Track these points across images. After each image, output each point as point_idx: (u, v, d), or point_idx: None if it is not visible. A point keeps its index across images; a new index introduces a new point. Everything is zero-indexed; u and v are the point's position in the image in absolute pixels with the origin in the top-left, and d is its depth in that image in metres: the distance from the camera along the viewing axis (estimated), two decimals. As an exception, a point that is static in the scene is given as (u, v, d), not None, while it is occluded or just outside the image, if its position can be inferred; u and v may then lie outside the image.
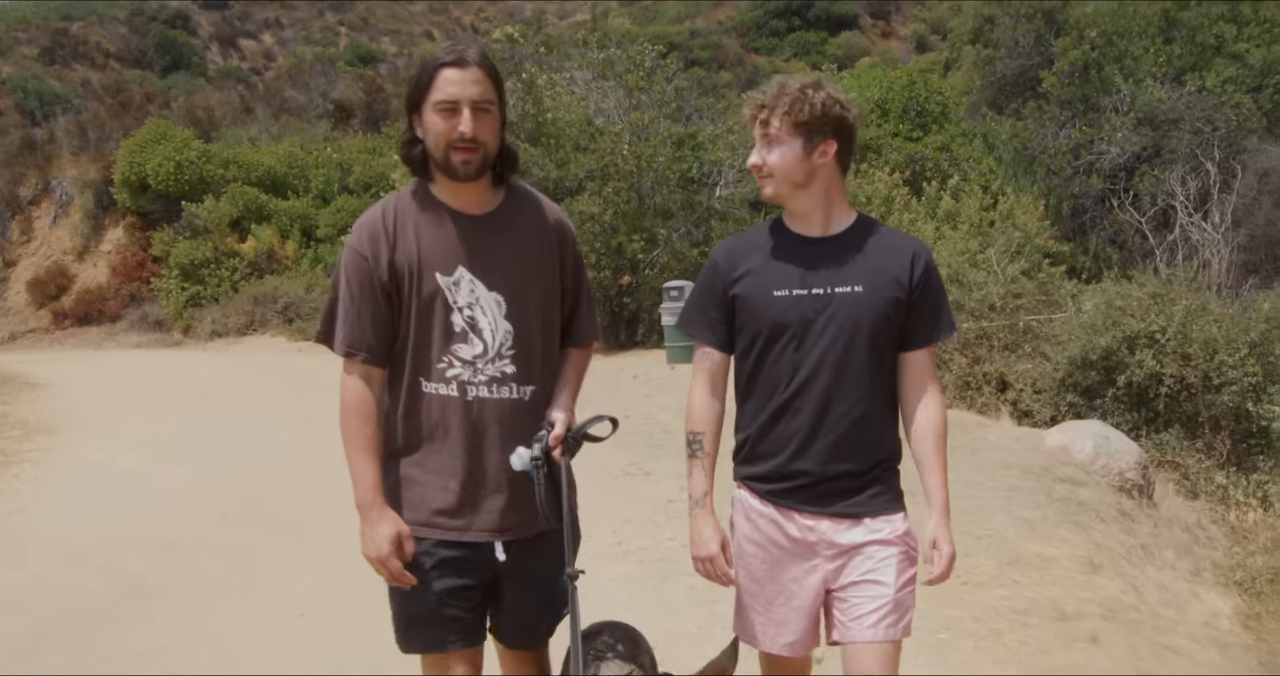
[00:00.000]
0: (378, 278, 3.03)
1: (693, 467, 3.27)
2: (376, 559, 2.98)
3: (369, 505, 3.02)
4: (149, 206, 28.86)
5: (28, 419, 12.13)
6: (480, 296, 3.09)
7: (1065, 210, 21.44)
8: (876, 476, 3.18)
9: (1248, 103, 20.70)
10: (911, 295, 3.14)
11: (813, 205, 3.14)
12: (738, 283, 3.18)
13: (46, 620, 5.87)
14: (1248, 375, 9.90)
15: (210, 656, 5.32)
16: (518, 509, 3.08)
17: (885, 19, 69.78)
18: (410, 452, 3.11)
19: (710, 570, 3.21)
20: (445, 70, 2.94)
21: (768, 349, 3.14)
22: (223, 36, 78.97)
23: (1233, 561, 7.37)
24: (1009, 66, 23.33)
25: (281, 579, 6.45)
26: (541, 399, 3.17)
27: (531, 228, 3.20)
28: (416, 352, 3.09)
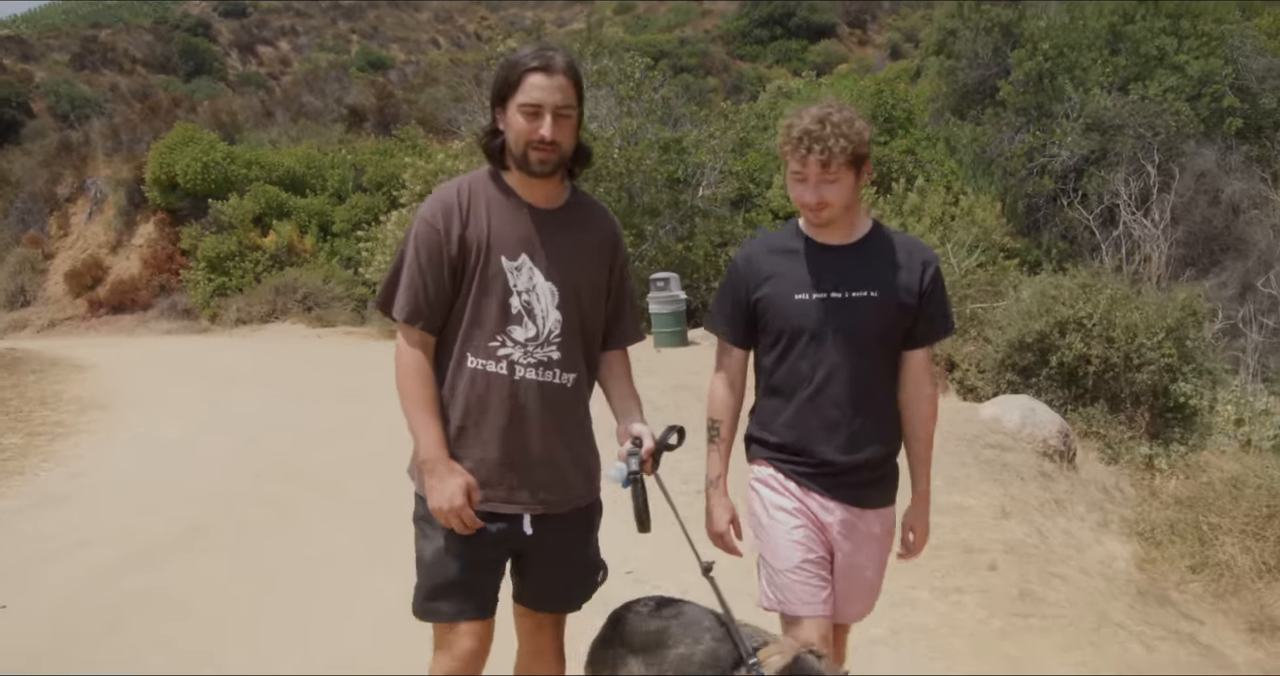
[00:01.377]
0: (447, 251, 2.99)
1: (710, 451, 3.29)
2: (450, 510, 2.93)
3: (436, 459, 2.97)
4: (178, 204, 28.69)
5: (81, 396, 12.37)
6: (538, 284, 3.06)
7: (1020, 208, 21.50)
8: (886, 470, 3.24)
9: (1186, 110, 20.70)
10: (920, 300, 3.16)
11: (845, 219, 3.16)
12: (761, 286, 3.18)
13: (128, 552, 6.41)
14: (1165, 356, 10.36)
15: (260, 578, 5.85)
16: (549, 485, 3.07)
17: (862, 28, 69.29)
18: (453, 424, 3.05)
19: (721, 543, 3.27)
20: (532, 75, 2.91)
21: (790, 348, 3.15)
22: (242, 43, 78.34)
23: (1138, 515, 7.69)
24: (970, 76, 23.24)
25: (313, 521, 6.92)
26: (580, 387, 3.14)
27: (591, 229, 3.18)
28: (470, 328, 3.04)
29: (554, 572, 3.12)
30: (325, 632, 4.93)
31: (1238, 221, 20.54)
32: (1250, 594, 6.03)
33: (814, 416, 3.12)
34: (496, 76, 3.00)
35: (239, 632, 5.08)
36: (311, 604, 5.44)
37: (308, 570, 5.95)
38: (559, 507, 3.06)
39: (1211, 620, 5.65)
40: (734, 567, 3.34)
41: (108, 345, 22.15)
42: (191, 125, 30.22)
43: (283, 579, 5.82)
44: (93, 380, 14.06)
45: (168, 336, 25.41)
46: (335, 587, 5.63)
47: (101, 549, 6.50)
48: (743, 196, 20.46)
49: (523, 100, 2.89)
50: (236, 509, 7.38)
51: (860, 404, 3.11)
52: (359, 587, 5.49)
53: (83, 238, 31.35)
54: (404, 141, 28.91)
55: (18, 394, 12.55)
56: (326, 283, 25.19)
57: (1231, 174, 20.65)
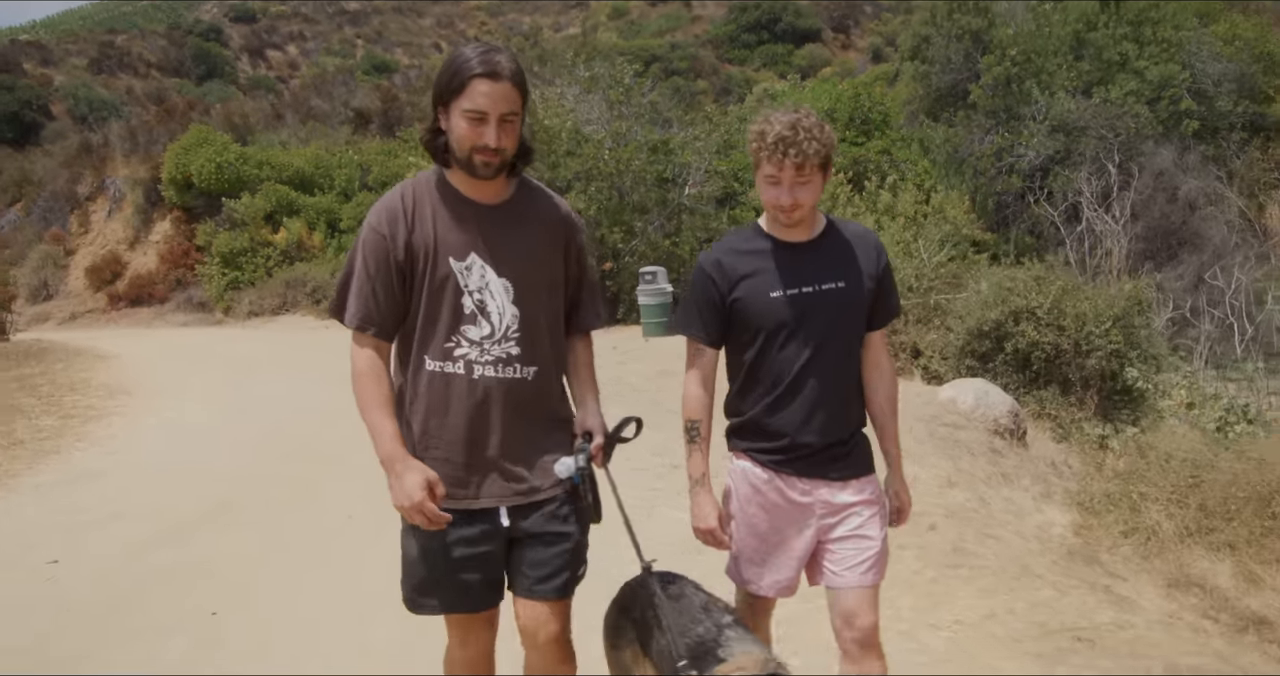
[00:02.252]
0: (394, 257, 2.90)
1: (691, 451, 3.25)
2: (411, 507, 2.83)
3: (393, 457, 2.88)
4: (193, 202, 28.73)
5: (108, 383, 12.54)
6: (490, 281, 2.97)
7: (990, 205, 21.39)
8: (857, 442, 3.23)
9: (1145, 112, 20.67)
10: (877, 283, 3.20)
11: (809, 218, 3.17)
12: (737, 288, 3.15)
13: (163, 526, 6.68)
14: (1111, 343, 10.66)
15: (288, 549, 6.14)
16: (519, 476, 2.99)
17: (845, 33, 69.06)
18: (417, 427, 2.98)
19: (710, 539, 3.25)
20: (478, 81, 2.78)
21: (769, 344, 3.14)
22: (252, 48, 78.28)
23: (1080, 488, 7.92)
24: (943, 80, 23.12)
25: (331, 496, 7.15)
26: (543, 378, 3.05)
27: (541, 219, 3.07)
28: (425, 331, 2.96)
29: (535, 557, 3.02)
30: (341, 590, 5.27)
31: (1194, 217, 20.53)
32: (1172, 554, 6.31)
33: (792, 404, 3.13)
34: (440, 76, 2.88)
35: (261, 593, 5.40)
36: (328, 565, 5.77)
37: (327, 540, 6.26)
38: (534, 496, 2.99)
39: (1134, 577, 5.91)
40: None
41: (128, 336, 22.24)
42: (205, 127, 30.26)
43: (303, 545, 6.15)
44: (117, 368, 14.23)
45: (184, 328, 25.51)
46: (350, 550, 5.93)
47: (136, 522, 6.77)
48: (727, 195, 20.21)
49: (467, 107, 2.79)
50: (260, 486, 7.65)
51: (835, 389, 3.14)
52: (370, 550, 5.73)
53: (102, 234, 31.44)
54: (407, 142, 28.39)
55: (48, 380, 12.72)
56: (334, 277, 24.06)
57: (1188, 173, 20.65)
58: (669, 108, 21.25)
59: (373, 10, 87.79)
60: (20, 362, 14.74)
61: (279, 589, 5.46)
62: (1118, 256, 18.70)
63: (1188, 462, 7.24)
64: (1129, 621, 4.56)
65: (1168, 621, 4.95)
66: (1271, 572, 5.45)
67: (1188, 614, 5.32)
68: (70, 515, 6.90)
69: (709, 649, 2.77)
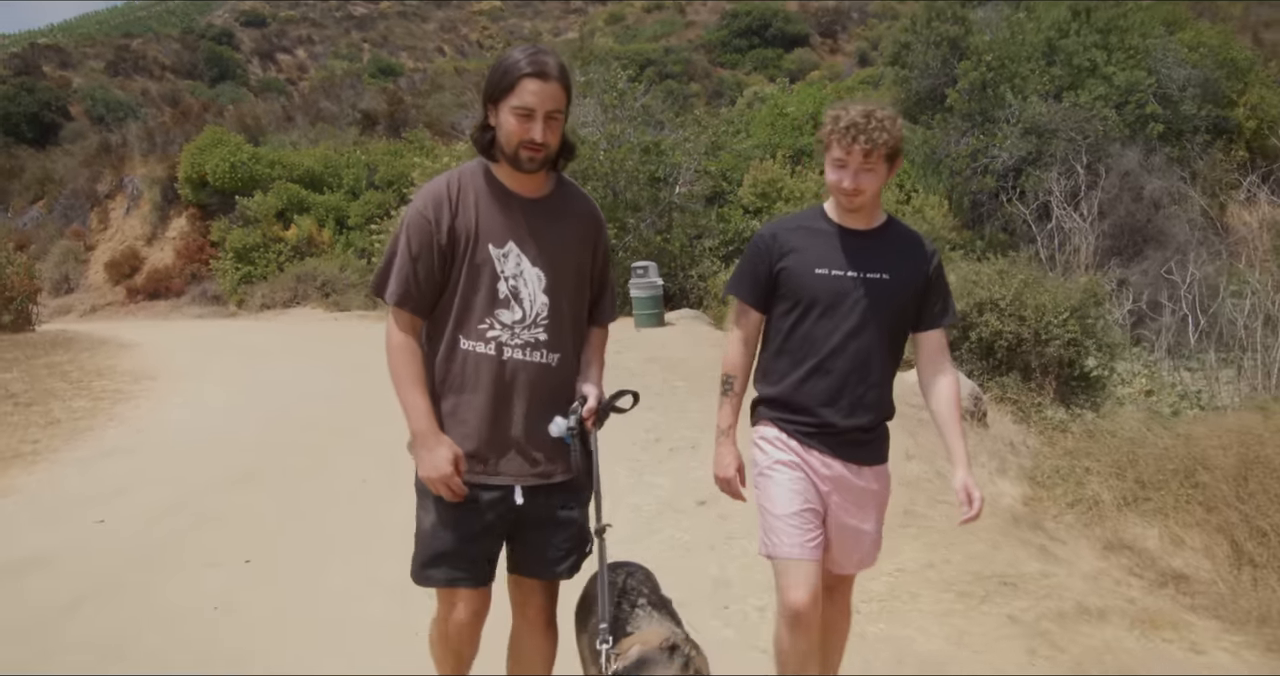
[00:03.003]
0: (437, 240, 2.92)
1: (723, 403, 3.27)
2: (439, 478, 2.88)
3: (425, 432, 2.92)
4: (207, 200, 28.66)
5: (132, 368, 12.70)
6: (524, 270, 2.99)
7: (965, 204, 21.75)
8: (880, 432, 3.23)
9: (1113, 116, 21.00)
10: (928, 286, 3.18)
11: (870, 208, 3.16)
12: (785, 258, 3.16)
13: (195, 489, 7.06)
14: (1069, 332, 11.08)
15: (305, 512, 6.50)
16: (537, 458, 3.01)
17: (833, 37, 68.64)
18: (445, 401, 3.00)
19: (727, 488, 3.29)
20: (527, 80, 2.82)
21: (805, 316, 3.15)
22: (262, 51, 78.09)
23: (1034, 464, 8.18)
24: (921, 84, 23.52)
25: (344, 465, 7.51)
26: (565, 365, 3.06)
27: (576, 216, 3.10)
28: (461, 312, 2.97)
29: (545, 540, 3.05)
30: (352, 549, 5.66)
31: (1158, 216, 20.81)
32: (1110, 521, 6.68)
33: (820, 381, 3.12)
34: (491, 75, 2.92)
35: (287, 543, 5.82)
36: (346, 520, 6.20)
37: (341, 503, 6.65)
38: (549, 479, 3.01)
39: (1074, 541, 6.27)
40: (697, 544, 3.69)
41: (147, 327, 22.28)
42: (219, 129, 30.25)
43: (324, 509, 6.54)
44: (140, 356, 14.38)
45: (199, 320, 25.48)
46: (364, 508, 6.36)
47: (170, 487, 7.14)
48: (716, 193, 20.66)
49: (516, 104, 2.82)
50: (279, 456, 8.00)
51: (863, 374, 3.11)
52: (380, 511, 6.14)
53: (121, 231, 31.42)
54: (412, 143, 28.65)
55: (76, 367, 12.93)
56: (342, 271, 25.05)
57: (1153, 173, 20.98)
58: (661, 111, 21.45)
59: (379, 15, 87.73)
60: (49, 351, 14.92)
61: (303, 540, 5.87)
62: (1085, 252, 18.97)
63: (1127, 440, 7.63)
64: (1053, 572, 4.94)
65: (1094, 575, 5.33)
66: (1193, 535, 5.81)
67: (1115, 571, 5.69)
68: (110, 483, 7.25)
69: (621, 625, 2.85)
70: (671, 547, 5.31)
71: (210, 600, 4.91)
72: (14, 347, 15.46)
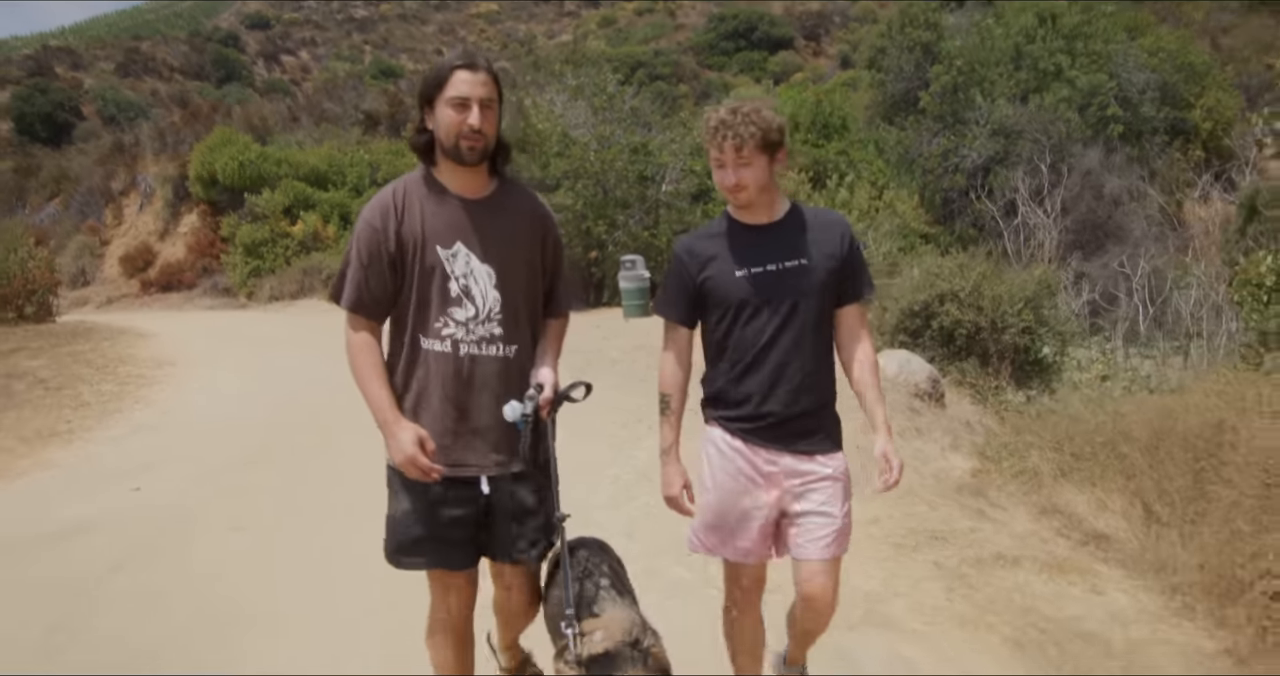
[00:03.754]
0: (385, 248, 2.92)
1: (663, 423, 3.23)
2: (406, 460, 2.88)
3: (388, 420, 2.93)
4: (217, 197, 28.62)
5: (152, 356, 12.90)
6: (474, 268, 2.98)
7: (937, 201, 21.97)
8: (824, 419, 3.17)
9: (1075, 118, 21.25)
10: (843, 263, 3.13)
11: (765, 201, 3.11)
12: (705, 269, 3.13)
13: (214, 465, 7.44)
14: (1023, 321, 11.50)
15: (313, 483, 6.93)
16: (500, 449, 3.00)
17: (816, 40, 68.74)
18: (409, 399, 3.01)
19: (674, 506, 3.24)
20: (459, 71, 2.86)
21: (736, 319, 3.11)
22: (267, 53, 77.93)
23: (985, 440, 8.59)
24: (896, 87, 23.75)
25: (348, 445, 7.53)
26: (523, 356, 3.05)
27: (520, 213, 3.08)
28: (417, 313, 2.98)
29: (512, 528, 3.05)
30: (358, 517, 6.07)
31: (1118, 212, 21.04)
32: (1047, 490, 7.08)
33: (759, 374, 3.09)
34: (424, 79, 2.97)
35: (302, 507, 6.32)
36: (348, 497, 6.45)
37: (346, 471, 6.98)
38: (512, 468, 3.01)
39: (1013, 508, 6.62)
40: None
41: (161, 318, 22.22)
42: (228, 129, 30.19)
43: (329, 476, 6.98)
44: (158, 344, 14.57)
45: (210, 311, 25.44)
46: (364, 486, 6.65)
47: (195, 462, 7.53)
48: (701, 191, 20.39)
49: (451, 94, 2.85)
50: (289, 436, 8.40)
51: (798, 361, 3.08)
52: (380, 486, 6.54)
53: (134, 226, 31.44)
54: None
55: (99, 355, 13.12)
56: None
57: (1113, 172, 21.19)
58: (650, 112, 21.66)
59: (379, 18, 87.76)
60: (71, 340, 14.99)
61: (314, 508, 6.34)
62: (1049, 247, 19.31)
63: (1067, 418, 8.06)
64: (981, 529, 5.38)
65: (1024, 535, 5.75)
66: (1114, 499, 6.23)
67: (1045, 531, 6.10)
68: (140, 458, 7.62)
69: (587, 603, 2.87)
70: (646, 512, 5.70)
71: (236, 558, 5.35)
72: (38, 337, 15.45)
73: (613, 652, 2.68)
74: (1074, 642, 4.00)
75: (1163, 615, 4.31)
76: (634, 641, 2.71)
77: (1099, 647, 3.97)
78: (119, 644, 4.39)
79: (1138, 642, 4.03)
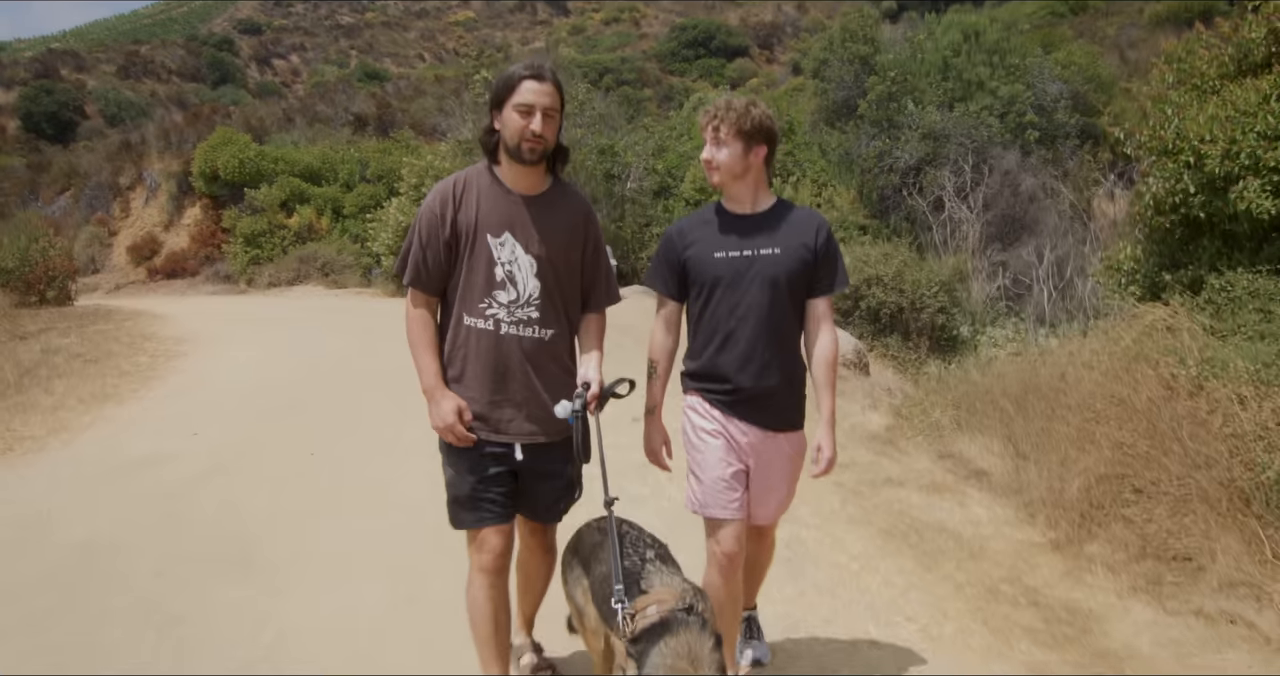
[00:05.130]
0: (441, 231, 2.97)
1: (650, 385, 3.29)
2: (444, 427, 2.96)
3: (433, 388, 3.00)
4: (219, 191, 28.80)
5: (172, 334, 13.30)
6: (519, 257, 3.00)
7: (874, 197, 22.30)
8: (790, 397, 3.21)
9: (996, 124, 21.85)
10: (816, 256, 3.14)
11: (745, 191, 3.15)
12: (689, 249, 3.19)
13: (256, 414, 8.11)
14: (939, 302, 12.38)
15: (352, 423, 7.64)
16: (532, 420, 3.06)
17: (770, 49, 69.20)
18: (454, 370, 3.05)
19: (654, 460, 3.36)
20: (527, 81, 2.89)
21: (711, 295, 3.16)
22: (259, 57, 77.39)
23: (901, 401, 9.39)
24: (837, 95, 24.11)
25: (368, 400, 8.53)
26: (557, 340, 3.09)
27: (567, 213, 3.11)
28: (465, 292, 3.01)
29: (540, 489, 3.14)
30: (380, 450, 6.87)
31: (1033, 207, 21.32)
32: (947, 440, 7.82)
33: (731, 350, 3.12)
34: (495, 85, 3.00)
35: (341, 442, 7.11)
36: (370, 434, 7.38)
37: (363, 419, 7.84)
38: (542, 438, 3.07)
39: (916, 453, 7.28)
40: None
41: (170, 302, 22.31)
42: (228, 129, 30.28)
43: (360, 425, 7.67)
44: (174, 324, 14.73)
45: (213, 296, 25.30)
46: (382, 426, 7.50)
47: (236, 413, 8.16)
48: (662, 188, 21.41)
49: (518, 101, 2.89)
50: (316, 392, 9.06)
51: (767, 340, 3.11)
52: (389, 429, 7.29)
53: (141, 218, 31.45)
54: (399, 142, 28.88)
55: (124, 333, 13.38)
56: (339, 254, 25.36)
57: (1029, 172, 21.58)
58: (616, 117, 22.12)
59: (364, 24, 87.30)
60: (93, 321, 15.15)
61: (345, 442, 7.11)
62: (972, 238, 19.98)
63: (964, 381, 8.87)
64: (881, 463, 6.18)
65: (918, 470, 6.55)
66: (995, 444, 6.99)
67: (939, 471, 6.86)
68: (190, 412, 8.21)
69: (634, 580, 2.79)
70: (614, 448, 6.45)
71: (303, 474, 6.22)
72: (62, 318, 15.58)
73: (668, 620, 2.65)
74: (933, 534, 4.80)
75: (1011, 522, 5.12)
76: (688, 607, 2.67)
77: (952, 538, 4.78)
78: (217, 530, 5.26)
79: (983, 537, 4.85)
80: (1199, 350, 4.98)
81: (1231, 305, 6.30)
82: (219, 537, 5.09)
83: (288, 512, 5.48)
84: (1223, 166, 6.42)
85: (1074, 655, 3.61)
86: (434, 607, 4.12)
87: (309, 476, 6.21)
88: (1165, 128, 7.05)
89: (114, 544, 5.03)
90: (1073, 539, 4.61)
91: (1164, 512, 4.27)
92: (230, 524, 5.32)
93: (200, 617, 4.13)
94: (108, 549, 4.97)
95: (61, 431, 7.44)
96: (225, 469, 6.39)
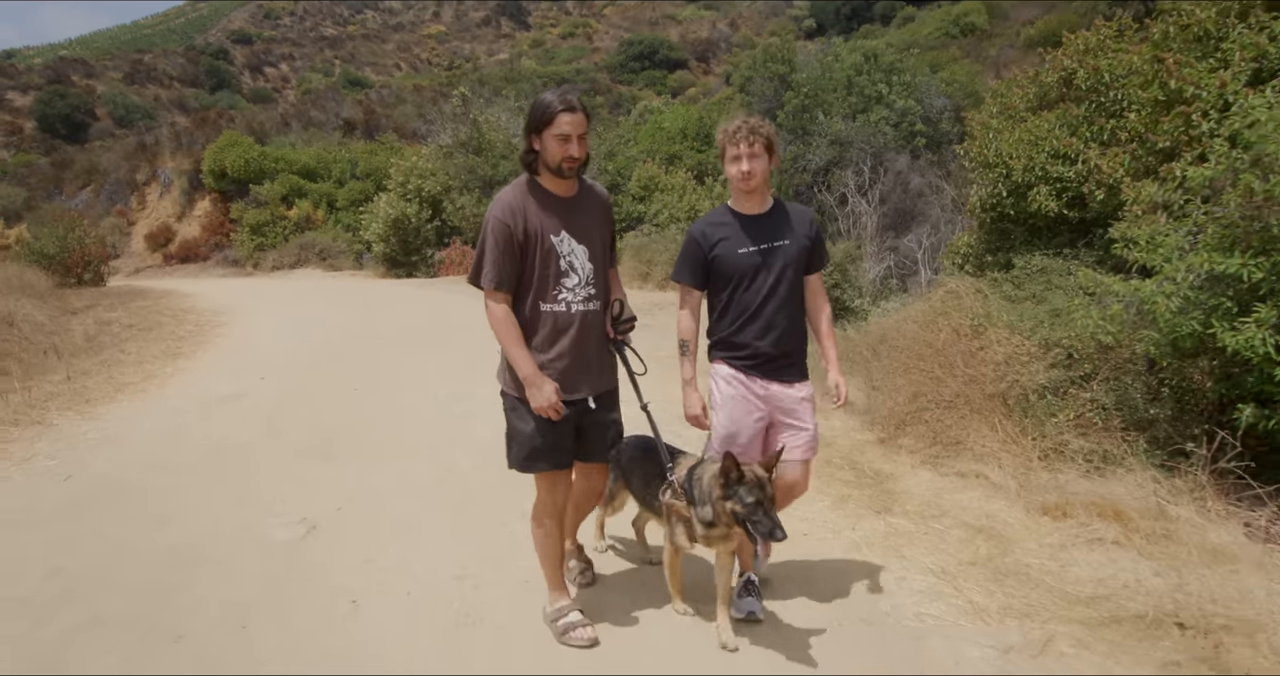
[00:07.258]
0: (515, 238, 3.06)
1: (683, 361, 3.42)
2: (548, 406, 3.05)
3: (532, 375, 3.06)
4: (226, 187, 29.24)
5: (207, 308, 13.73)
6: (574, 248, 3.14)
7: (790, 194, 21.99)
8: (800, 356, 3.43)
9: (891, 132, 22.75)
10: (812, 242, 3.36)
11: (759, 195, 3.32)
12: (715, 248, 3.31)
13: (308, 363, 8.94)
14: (832, 279, 13.58)
15: (387, 368, 8.49)
16: (597, 376, 3.26)
17: (706, 62, 69.48)
18: (536, 347, 3.15)
19: (696, 422, 3.42)
20: (563, 114, 2.98)
21: (739, 285, 3.31)
22: (252, 65, 76.56)
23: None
24: (760, 107, 24.12)
25: (389, 354, 9.30)
26: (603, 308, 3.28)
27: (597, 205, 3.29)
28: (539, 284, 3.12)
29: (599, 432, 3.32)
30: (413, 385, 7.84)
31: (920, 202, 22.00)
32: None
33: (754, 325, 3.32)
34: (533, 113, 3.09)
35: (373, 383, 7.99)
36: (404, 373, 8.30)
37: (398, 362, 8.73)
38: (601, 389, 3.27)
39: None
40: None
41: (190, 283, 22.44)
42: (234, 132, 30.46)
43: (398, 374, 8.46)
44: (204, 300, 15.15)
45: (224, 278, 25.56)
46: (412, 367, 8.46)
47: (287, 365, 8.86)
48: (612, 186, 21.59)
49: (557, 132, 3.00)
50: (350, 345, 9.79)
51: (785, 314, 3.33)
52: (409, 372, 8.24)
53: (156, 210, 31.70)
54: (385, 145, 29.14)
55: (164, 307, 13.68)
56: (335, 242, 25.78)
57: (918, 173, 22.33)
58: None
59: (346, 37, 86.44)
60: (131, 299, 15.19)
61: (385, 379, 8.04)
62: (870, 228, 21.05)
63: (842, 337, 10.13)
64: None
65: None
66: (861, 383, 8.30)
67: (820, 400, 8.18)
68: (250, 365, 8.88)
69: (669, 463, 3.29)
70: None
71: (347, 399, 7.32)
72: (103, 297, 15.60)
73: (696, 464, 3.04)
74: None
75: (856, 429, 6.38)
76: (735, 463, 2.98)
77: (811, 436, 6.06)
78: (304, 435, 6.31)
79: (834, 437, 6.15)
80: (977, 309, 6.29)
81: (1029, 279, 7.61)
82: (307, 438, 6.20)
83: (347, 424, 6.57)
84: (1024, 177, 7.69)
85: (870, 492, 4.93)
86: (463, 478, 5.29)
87: (356, 401, 7.29)
88: (987, 147, 8.32)
89: (239, 444, 6.12)
90: (892, 437, 5.90)
91: (948, 415, 5.59)
92: (310, 431, 6.40)
93: (310, 482, 5.30)
94: (236, 447, 6.06)
95: (152, 378, 8.27)
96: (294, 398, 7.38)
